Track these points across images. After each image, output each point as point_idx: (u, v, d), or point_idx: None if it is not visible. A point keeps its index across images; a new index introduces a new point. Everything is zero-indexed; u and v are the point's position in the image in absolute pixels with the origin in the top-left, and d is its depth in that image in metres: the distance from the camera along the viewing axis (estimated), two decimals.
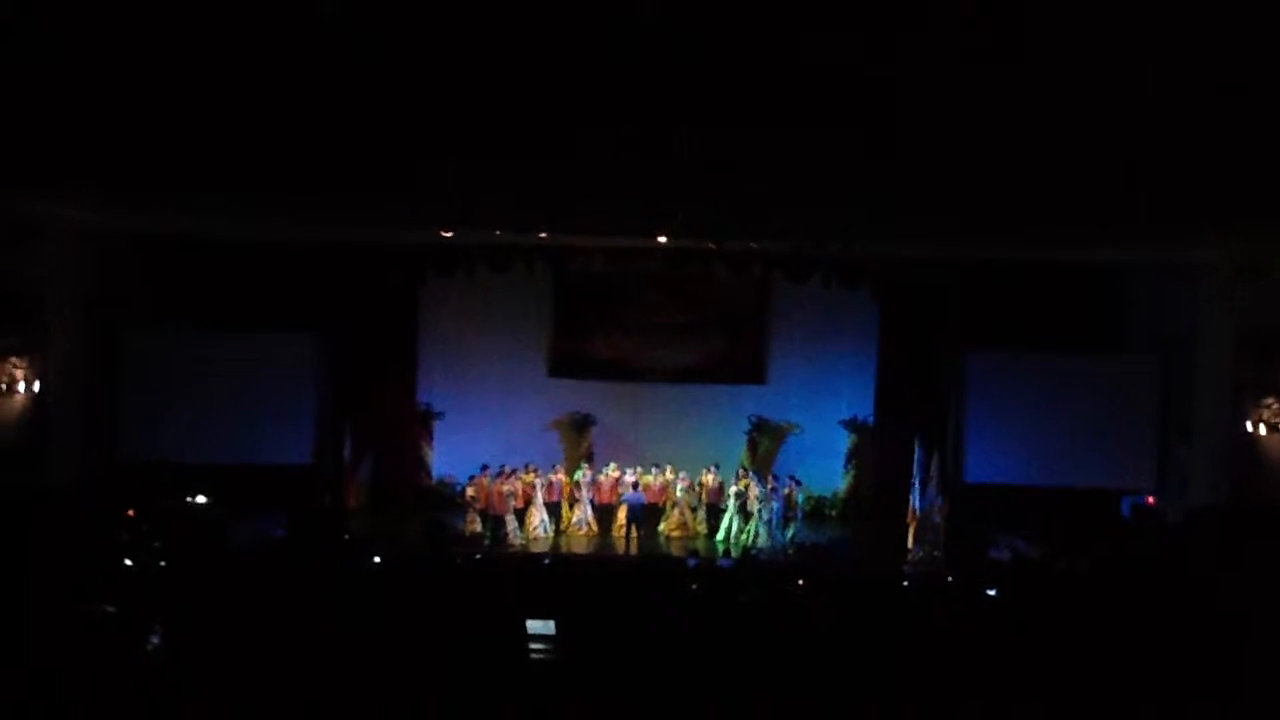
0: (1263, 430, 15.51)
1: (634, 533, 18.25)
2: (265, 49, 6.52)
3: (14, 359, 15.71)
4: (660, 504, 19.08)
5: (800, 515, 18.64)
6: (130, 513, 14.55)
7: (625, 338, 21.41)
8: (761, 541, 17.83)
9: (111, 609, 6.82)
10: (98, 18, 6.03)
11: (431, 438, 21.30)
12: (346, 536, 16.59)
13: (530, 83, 7.15)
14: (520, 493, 18.44)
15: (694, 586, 10.06)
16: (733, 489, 18.78)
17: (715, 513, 19.00)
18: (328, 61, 6.72)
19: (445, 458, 21.19)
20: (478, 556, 14.58)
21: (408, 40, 6.26)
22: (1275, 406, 15.36)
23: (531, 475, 18.80)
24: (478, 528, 18.17)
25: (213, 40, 6.34)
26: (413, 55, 6.58)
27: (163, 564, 10.46)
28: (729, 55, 6.34)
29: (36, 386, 15.95)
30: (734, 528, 18.52)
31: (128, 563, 10.33)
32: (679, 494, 19.12)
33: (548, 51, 6.40)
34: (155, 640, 6.41)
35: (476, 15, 5.77)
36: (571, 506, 19.21)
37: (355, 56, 6.57)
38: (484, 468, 18.53)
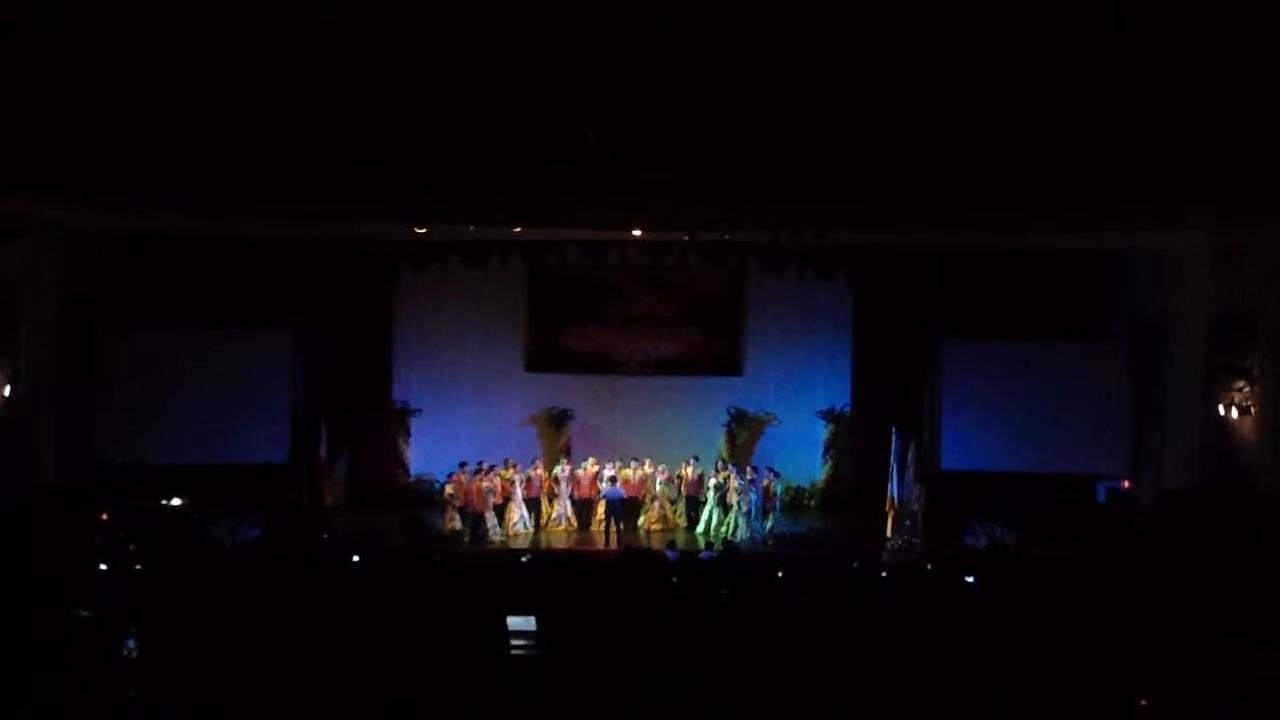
0: (1234, 413, 15.66)
1: (614, 527, 18.25)
2: (256, 46, 6.44)
3: None
4: (639, 498, 19.07)
5: (779, 506, 18.65)
6: (105, 516, 14.39)
7: (601, 331, 21.37)
8: (741, 533, 17.86)
9: (86, 614, 6.76)
10: (74, 19, 5.94)
11: (409, 435, 21.18)
12: (325, 536, 16.51)
13: (522, 77, 7.07)
14: (499, 489, 18.37)
15: (674, 580, 10.07)
16: (712, 481, 18.78)
17: (695, 505, 19.00)
18: (316, 58, 6.63)
19: (423, 455, 21.07)
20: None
21: (400, 37, 6.18)
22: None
23: (510, 471, 18.72)
24: (457, 525, 18.10)
25: (194, 38, 6.25)
26: (404, 51, 6.49)
27: (139, 568, 10.38)
28: (727, 48, 6.29)
29: (8, 390, 15.74)
30: (714, 520, 18.54)
31: (103, 567, 10.24)
32: (658, 487, 19.11)
33: (544, 45, 6.32)
34: (131, 646, 6.36)
35: (471, 9, 5.71)
36: (551, 502, 19.16)
37: (347, 54, 6.49)
38: (462, 464, 18.46)
